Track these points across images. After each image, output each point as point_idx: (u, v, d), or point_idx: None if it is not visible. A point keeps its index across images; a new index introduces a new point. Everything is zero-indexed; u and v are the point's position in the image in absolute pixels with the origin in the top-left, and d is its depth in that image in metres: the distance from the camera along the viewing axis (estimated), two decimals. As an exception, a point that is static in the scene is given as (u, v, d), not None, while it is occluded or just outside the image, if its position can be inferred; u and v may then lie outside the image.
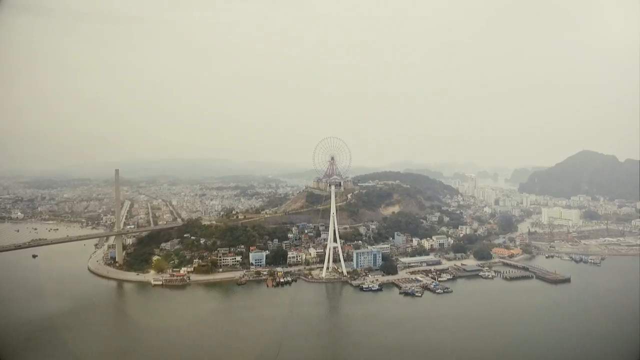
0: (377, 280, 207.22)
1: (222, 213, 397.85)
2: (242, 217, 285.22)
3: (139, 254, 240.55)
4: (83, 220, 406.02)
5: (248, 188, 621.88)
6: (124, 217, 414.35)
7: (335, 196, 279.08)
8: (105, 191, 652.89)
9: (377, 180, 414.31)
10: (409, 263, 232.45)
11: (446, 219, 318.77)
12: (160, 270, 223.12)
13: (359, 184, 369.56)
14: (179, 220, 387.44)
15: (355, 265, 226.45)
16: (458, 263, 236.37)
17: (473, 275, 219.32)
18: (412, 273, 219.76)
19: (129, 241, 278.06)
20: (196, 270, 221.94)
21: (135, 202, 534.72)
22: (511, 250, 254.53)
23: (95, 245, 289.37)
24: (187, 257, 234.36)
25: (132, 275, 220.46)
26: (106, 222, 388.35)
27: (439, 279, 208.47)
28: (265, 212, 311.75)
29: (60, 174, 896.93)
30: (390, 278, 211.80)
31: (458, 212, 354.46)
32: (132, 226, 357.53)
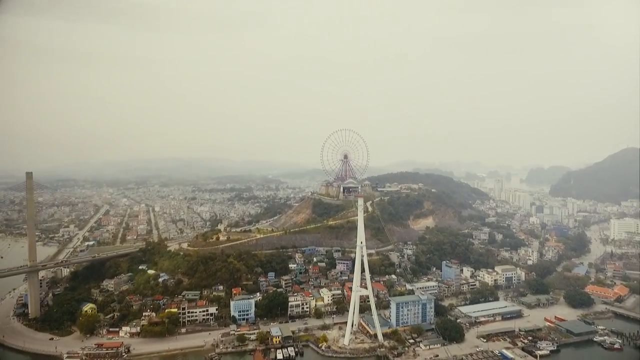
0: (437, 356, 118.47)
1: (207, 224, 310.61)
2: (225, 237, 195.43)
3: (65, 300, 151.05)
4: (38, 232, 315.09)
5: (245, 190, 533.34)
6: (90, 228, 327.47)
7: (354, 206, 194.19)
8: (87, 194, 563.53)
9: (396, 183, 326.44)
10: (475, 317, 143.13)
11: (499, 236, 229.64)
12: (89, 330, 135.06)
13: (378, 189, 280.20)
14: (154, 233, 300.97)
15: (394, 322, 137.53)
16: (547, 314, 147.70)
17: (584, 340, 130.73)
18: (487, 338, 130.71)
19: (66, 271, 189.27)
20: (145, 331, 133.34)
21: (114, 207, 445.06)
22: (615, 290, 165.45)
23: (25, 277, 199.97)
24: (134, 306, 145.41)
25: (41, 341, 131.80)
26: (63, 235, 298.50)
27: (539, 353, 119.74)
28: (258, 229, 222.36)
29: (55, 174, 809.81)
30: (456, 351, 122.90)
31: (505, 224, 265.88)
32: (92, 242, 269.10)
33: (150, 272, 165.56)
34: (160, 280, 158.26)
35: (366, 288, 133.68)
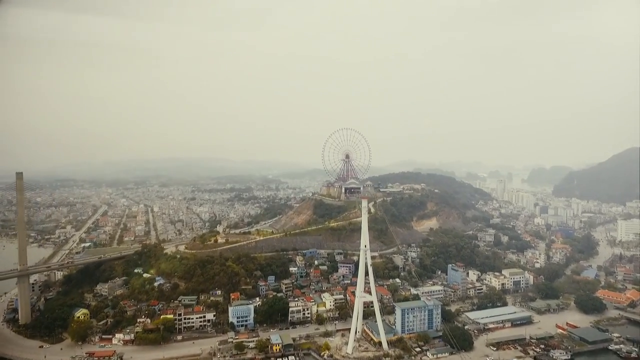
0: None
1: (207, 225, 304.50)
2: (224, 239, 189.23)
3: (57, 305, 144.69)
4: (33, 233, 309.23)
5: (245, 190, 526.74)
6: (87, 229, 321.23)
7: (356, 207, 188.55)
8: (85, 194, 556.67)
9: (398, 184, 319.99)
10: (484, 324, 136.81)
11: (504, 238, 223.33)
12: (80, 337, 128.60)
13: (381, 190, 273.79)
14: (152, 234, 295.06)
15: (399, 329, 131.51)
16: (558, 320, 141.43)
17: (599, 349, 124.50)
18: (497, 346, 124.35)
19: (59, 275, 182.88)
20: (139, 339, 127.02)
21: (112, 207, 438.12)
22: (627, 295, 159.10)
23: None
24: (128, 312, 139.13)
25: (30, 348, 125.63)
26: (59, 236, 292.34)
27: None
28: (257, 230, 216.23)
29: (54, 174, 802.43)
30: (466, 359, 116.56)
31: (510, 225, 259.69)
32: (89, 244, 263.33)
33: (146, 275, 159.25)
34: (156, 284, 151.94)
35: (370, 293, 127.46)
